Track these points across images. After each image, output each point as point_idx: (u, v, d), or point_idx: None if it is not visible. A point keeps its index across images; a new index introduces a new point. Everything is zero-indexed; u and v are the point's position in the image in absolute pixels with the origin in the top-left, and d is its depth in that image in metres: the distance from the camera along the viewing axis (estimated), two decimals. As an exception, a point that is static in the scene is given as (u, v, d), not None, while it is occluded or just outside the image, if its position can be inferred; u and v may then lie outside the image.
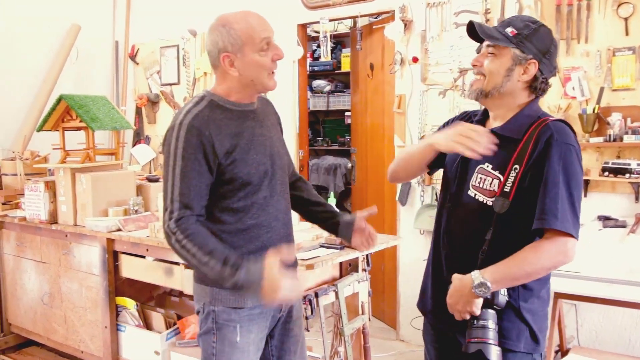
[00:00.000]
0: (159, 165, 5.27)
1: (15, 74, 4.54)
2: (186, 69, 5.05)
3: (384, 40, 4.14)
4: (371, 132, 4.63)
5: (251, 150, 1.79)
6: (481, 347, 1.56)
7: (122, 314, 3.26)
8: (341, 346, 2.77)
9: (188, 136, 1.71)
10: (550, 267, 1.59)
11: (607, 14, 3.16)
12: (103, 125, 3.36)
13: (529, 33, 1.64)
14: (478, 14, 3.56)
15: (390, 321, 4.39)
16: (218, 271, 1.65)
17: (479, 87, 1.69)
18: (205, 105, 1.78)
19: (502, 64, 1.65)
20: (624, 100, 3.12)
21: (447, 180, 1.82)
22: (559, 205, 1.55)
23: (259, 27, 1.75)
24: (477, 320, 1.60)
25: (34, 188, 3.44)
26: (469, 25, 1.69)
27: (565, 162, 1.58)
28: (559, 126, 1.63)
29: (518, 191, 1.60)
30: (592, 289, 2.47)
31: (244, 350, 1.84)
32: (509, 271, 1.57)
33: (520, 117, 1.68)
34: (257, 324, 1.86)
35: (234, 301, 1.81)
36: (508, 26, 1.65)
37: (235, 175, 1.75)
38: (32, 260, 3.66)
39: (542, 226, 1.56)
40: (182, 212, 1.70)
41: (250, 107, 1.86)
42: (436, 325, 1.85)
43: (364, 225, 2.02)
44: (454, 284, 1.64)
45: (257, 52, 1.74)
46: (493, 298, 1.61)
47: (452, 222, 1.76)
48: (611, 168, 3.04)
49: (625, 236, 2.86)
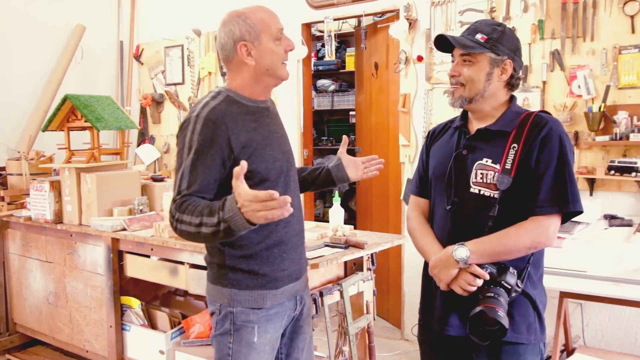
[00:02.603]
0: (163, 165, 5.28)
1: (20, 75, 4.56)
2: (191, 69, 5.06)
3: (388, 39, 4.13)
4: (376, 131, 4.62)
5: (267, 146, 1.81)
6: (486, 310, 1.57)
7: (127, 314, 3.27)
8: (346, 345, 2.77)
9: (204, 129, 1.70)
10: (530, 246, 1.67)
11: (613, 12, 3.14)
12: (108, 125, 3.36)
13: (498, 36, 1.74)
14: (483, 12, 3.55)
15: (395, 320, 4.38)
16: (213, 224, 1.57)
17: (462, 95, 1.78)
18: (222, 100, 1.78)
19: (481, 69, 1.74)
20: (630, 98, 3.10)
21: (440, 186, 1.84)
22: (550, 189, 1.66)
23: (272, 17, 1.80)
24: (487, 292, 1.62)
25: (39, 188, 3.45)
26: (437, 38, 1.79)
27: (562, 150, 1.68)
28: (551, 117, 1.75)
29: (519, 168, 1.68)
30: (598, 288, 2.45)
31: (260, 350, 1.84)
32: (489, 244, 1.66)
33: (509, 113, 1.78)
34: (274, 324, 1.87)
35: (252, 302, 1.80)
36: (476, 33, 1.74)
37: (253, 170, 1.73)
38: (37, 260, 3.67)
39: (531, 210, 1.67)
40: (185, 201, 1.67)
41: (265, 104, 1.88)
42: (443, 334, 1.82)
43: (349, 157, 2.09)
44: (440, 253, 1.73)
45: (272, 40, 1.78)
46: (500, 275, 1.64)
47: (458, 222, 1.77)
48: (617, 167, 3.03)
49: (632, 235, 2.85)
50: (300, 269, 1.94)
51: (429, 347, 1.94)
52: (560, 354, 3.01)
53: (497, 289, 1.63)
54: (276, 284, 1.83)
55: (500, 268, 1.66)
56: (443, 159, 1.84)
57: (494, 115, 1.79)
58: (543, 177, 1.66)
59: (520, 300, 1.71)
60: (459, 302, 1.73)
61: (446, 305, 1.78)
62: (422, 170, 1.96)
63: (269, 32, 1.77)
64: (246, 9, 1.79)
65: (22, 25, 4.59)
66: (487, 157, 1.73)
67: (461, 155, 1.78)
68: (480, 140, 1.77)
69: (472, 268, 1.65)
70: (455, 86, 1.78)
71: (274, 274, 1.82)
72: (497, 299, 1.60)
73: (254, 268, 1.80)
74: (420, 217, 1.93)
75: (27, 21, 4.63)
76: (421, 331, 1.95)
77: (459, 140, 1.83)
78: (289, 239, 1.86)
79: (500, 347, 1.71)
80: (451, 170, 1.79)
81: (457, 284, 1.68)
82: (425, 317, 1.91)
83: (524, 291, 1.71)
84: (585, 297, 2.70)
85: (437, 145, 1.92)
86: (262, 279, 1.81)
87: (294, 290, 1.90)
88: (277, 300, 1.83)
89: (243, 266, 1.79)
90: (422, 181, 1.96)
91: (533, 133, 1.70)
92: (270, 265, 1.81)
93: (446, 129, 1.93)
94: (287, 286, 1.87)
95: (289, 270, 1.87)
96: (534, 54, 3.39)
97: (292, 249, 1.88)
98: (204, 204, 1.64)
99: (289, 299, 1.89)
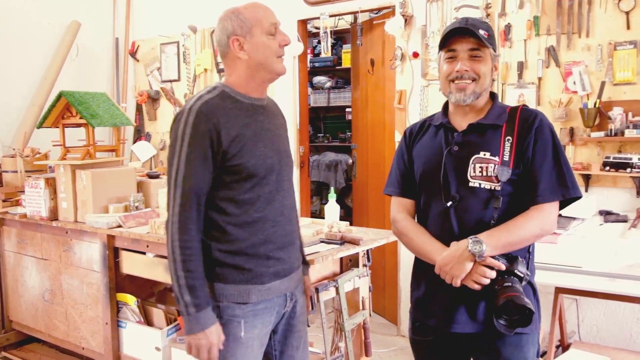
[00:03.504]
0: (159, 162, 5.27)
1: (15, 71, 4.54)
2: (186, 66, 5.05)
3: (384, 36, 4.13)
4: (372, 128, 4.62)
5: (259, 142, 1.81)
6: (514, 299, 1.58)
7: (122, 310, 3.26)
8: (342, 342, 2.77)
9: (196, 121, 1.73)
10: (538, 234, 1.71)
11: (608, 8, 3.15)
12: (103, 121, 3.35)
13: (492, 33, 1.79)
14: (479, 8, 3.55)
15: (391, 317, 4.39)
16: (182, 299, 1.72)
17: (474, 90, 1.77)
18: (217, 94, 1.80)
19: (488, 64, 1.78)
20: (625, 94, 3.11)
21: (432, 184, 1.81)
22: (550, 178, 1.70)
23: (266, 12, 1.82)
24: (504, 283, 1.64)
25: (35, 185, 3.44)
26: (453, 31, 1.76)
27: (554, 141, 1.73)
28: (537, 110, 1.81)
29: (516, 160, 1.71)
30: (593, 284, 2.46)
31: (247, 345, 1.84)
32: (502, 235, 1.67)
33: (496, 107, 1.82)
34: (262, 319, 1.86)
35: (238, 296, 1.80)
36: (479, 29, 1.74)
37: (241, 165, 1.76)
38: (32, 257, 3.67)
39: (533, 200, 1.70)
40: (184, 201, 1.72)
41: (261, 102, 1.89)
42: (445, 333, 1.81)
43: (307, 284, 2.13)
44: (450, 249, 1.70)
45: (265, 34, 1.79)
46: (512, 264, 1.66)
47: (460, 218, 1.75)
48: (612, 162, 3.03)
49: (627, 231, 2.86)
50: (290, 267, 1.92)
51: (426, 347, 1.90)
52: (555, 349, 3.02)
53: (511, 278, 1.65)
54: (262, 279, 1.82)
55: (510, 258, 1.68)
56: (432, 157, 1.82)
57: (483, 109, 1.81)
58: (542, 166, 1.70)
59: (526, 290, 1.71)
60: (465, 298, 1.73)
61: (451, 302, 1.76)
62: (405, 170, 1.93)
63: (261, 26, 1.79)
64: (241, 6, 1.82)
65: (17, 22, 4.57)
66: (485, 151, 1.74)
67: (453, 152, 1.78)
68: (473, 135, 1.77)
69: (487, 260, 1.65)
70: (467, 81, 1.75)
71: (259, 270, 1.82)
72: (516, 287, 1.62)
73: (240, 263, 1.80)
74: (410, 218, 1.91)
75: (23, 18, 4.61)
76: (416, 332, 1.92)
77: (446, 137, 1.81)
78: (276, 239, 1.85)
79: (505, 339, 1.72)
80: (445, 167, 1.78)
81: (470, 279, 1.67)
82: (424, 317, 1.86)
83: (529, 281, 1.74)
84: (580, 292, 2.71)
85: (421, 145, 1.89)
86: (248, 274, 1.81)
87: (282, 287, 1.88)
88: (263, 296, 1.82)
89: (229, 261, 1.80)
90: (405, 181, 1.93)
91: (525, 125, 1.73)
92: (255, 262, 1.82)
93: (426, 127, 1.91)
94: (274, 283, 1.85)
95: (276, 268, 1.86)
96: (530, 50, 3.40)
97: (280, 249, 1.87)
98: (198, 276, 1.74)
99: (277, 295, 1.88)
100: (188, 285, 1.71)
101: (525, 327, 1.61)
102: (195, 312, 1.71)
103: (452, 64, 1.77)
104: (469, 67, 1.75)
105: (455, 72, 1.76)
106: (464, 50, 1.76)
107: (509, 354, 1.74)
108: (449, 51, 1.79)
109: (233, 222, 1.79)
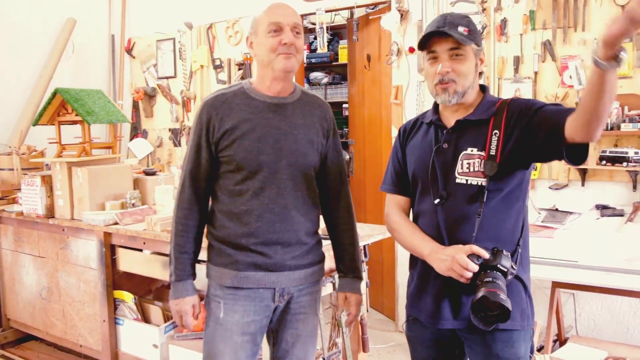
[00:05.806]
0: (156, 159, 5.27)
1: (11, 69, 4.53)
2: (183, 62, 5.04)
3: (380, 31, 4.12)
4: (369, 123, 4.62)
5: (255, 138, 1.84)
6: (488, 295, 1.54)
7: (120, 308, 3.26)
8: (339, 337, 2.77)
9: (200, 112, 1.89)
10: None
11: (603, 2, 3.14)
12: (99, 118, 3.34)
13: (474, 27, 1.75)
14: (474, 3, 3.54)
15: (388, 312, 4.39)
16: (169, 259, 1.96)
17: (456, 90, 1.73)
18: (234, 90, 1.91)
19: (471, 62, 1.74)
20: (622, 88, 3.10)
21: (424, 182, 1.81)
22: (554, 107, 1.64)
23: (273, 12, 1.85)
24: (485, 277, 1.59)
25: (31, 182, 3.43)
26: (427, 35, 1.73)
27: (534, 99, 1.77)
28: (525, 98, 1.80)
29: (503, 153, 1.68)
30: (590, 278, 2.46)
31: (227, 328, 1.89)
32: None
33: (485, 103, 1.79)
34: (243, 306, 1.89)
35: (217, 278, 1.92)
36: (458, 26, 1.71)
37: (230, 157, 1.85)
38: (29, 255, 3.66)
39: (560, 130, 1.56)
40: (183, 183, 1.91)
41: (279, 100, 1.90)
42: (435, 326, 1.80)
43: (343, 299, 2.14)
44: (448, 249, 1.67)
45: (265, 33, 1.83)
46: (495, 258, 1.62)
47: (448, 214, 1.74)
48: (609, 157, 3.03)
49: (623, 225, 2.86)
50: (279, 264, 1.90)
51: (420, 342, 1.90)
52: (552, 343, 3.03)
53: (494, 273, 1.60)
54: (237, 266, 1.88)
55: (494, 252, 1.64)
56: (423, 155, 1.81)
57: (473, 105, 1.79)
58: (541, 111, 1.63)
59: (513, 285, 1.70)
60: (451, 294, 1.73)
61: (438, 298, 1.76)
62: (399, 168, 1.93)
63: (263, 25, 1.83)
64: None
65: (13, 19, 4.56)
66: (471, 147, 1.73)
67: (442, 149, 1.77)
68: (461, 131, 1.76)
69: (472, 249, 1.62)
70: (447, 84, 1.72)
71: (236, 257, 1.88)
72: (496, 283, 1.57)
73: (222, 247, 1.91)
74: (402, 214, 1.91)
75: (18, 15, 4.60)
76: (411, 327, 1.92)
77: (436, 134, 1.81)
78: (261, 234, 1.86)
79: (494, 335, 1.71)
80: (434, 165, 1.77)
81: (452, 267, 1.63)
82: (416, 312, 1.87)
83: (517, 275, 1.70)
84: (577, 287, 2.71)
85: (414, 143, 1.88)
86: (226, 258, 1.90)
87: (267, 280, 1.88)
88: (240, 283, 1.88)
89: (215, 244, 1.94)
90: (399, 179, 1.93)
91: (513, 116, 1.69)
92: (234, 250, 1.89)
93: (419, 125, 1.90)
94: (253, 273, 1.87)
95: (255, 260, 1.87)
96: (526, 45, 3.39)
97: (265, 245, 1.87)
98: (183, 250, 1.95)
99: (261, 287, 1.89)
100: (174, 256, 1.93)
101: (502, 323, 1.56)
102: (174, 280, 1.94)
103: (434, 65, 1.75)
104: (450, 68, 1.72)
105: (437, 74, 1.74)
106: (443, 51, 1.72)
107: (499, 349, 1.72)
108: (429, 52, 1.76)
109: (222, 210, 1.90)
